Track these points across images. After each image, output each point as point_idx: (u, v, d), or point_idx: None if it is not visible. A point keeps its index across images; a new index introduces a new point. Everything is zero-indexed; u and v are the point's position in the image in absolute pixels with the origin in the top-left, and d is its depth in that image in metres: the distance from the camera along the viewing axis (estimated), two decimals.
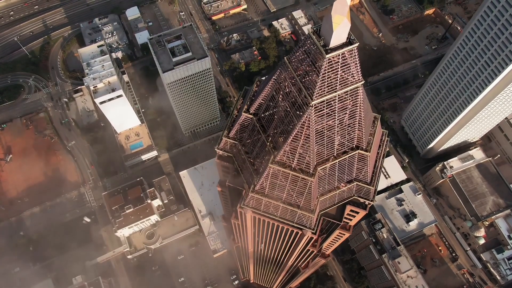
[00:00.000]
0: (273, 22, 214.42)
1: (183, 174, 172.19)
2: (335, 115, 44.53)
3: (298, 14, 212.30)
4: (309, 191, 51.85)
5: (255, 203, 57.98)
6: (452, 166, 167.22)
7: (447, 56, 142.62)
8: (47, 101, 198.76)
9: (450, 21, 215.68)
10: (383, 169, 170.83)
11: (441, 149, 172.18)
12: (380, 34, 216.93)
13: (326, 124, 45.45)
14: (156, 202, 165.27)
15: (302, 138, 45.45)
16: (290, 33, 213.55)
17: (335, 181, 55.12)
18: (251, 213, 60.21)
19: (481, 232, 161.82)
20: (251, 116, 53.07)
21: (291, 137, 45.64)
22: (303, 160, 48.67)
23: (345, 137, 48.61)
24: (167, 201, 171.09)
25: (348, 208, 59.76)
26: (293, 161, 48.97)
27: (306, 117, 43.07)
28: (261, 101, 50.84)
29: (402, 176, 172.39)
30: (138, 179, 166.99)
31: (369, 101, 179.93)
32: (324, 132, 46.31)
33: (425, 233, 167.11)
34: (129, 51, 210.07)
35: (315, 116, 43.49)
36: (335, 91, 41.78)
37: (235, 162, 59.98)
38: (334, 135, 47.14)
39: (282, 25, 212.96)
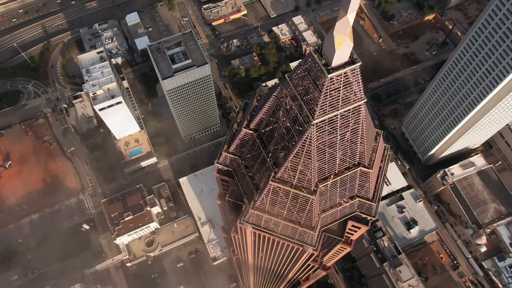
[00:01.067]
0: (273, 28, 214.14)
1: (183, 181, 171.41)
2: (337, 133, 43.81)
3: (298, 20, 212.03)
4: (311, 208, 51.03)
5: (255, 219, 57.13)
6: (453, 173, 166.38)
7: (448, 62, 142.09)
8: (46, 107, 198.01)
9: (450, 26, 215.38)
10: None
11: (442, 155, 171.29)
12: (380, 39, 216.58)
13: (328, 141, 44.74)
14: (156, 209, 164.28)
15: (303, 155, 44.72)
16: (290, 39, 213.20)
17: (337, 197, 54.29)
18: (251, 229, 59.39)
19: (483, 240, 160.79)
20: (251, 132, 52.31)
21: (292, 155, 44.92)
22: (304, 178, 47.91)
23: (347, 154, 47.88)
24: (166, 208, 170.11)
25: (350, 223, 58.93)
26: (294, 178, 48.22)
27: (308, 135, 42.36)
28: (262, 117, 50.09)
29: (403, 183, 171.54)
30: (137, 186, 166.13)
31: (369, 107, 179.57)
32: (326, 149, 45.58)
33: (426, 241, 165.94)
34: (129, 56, 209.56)
35: (316, 134, 42.75)
36: (337, 110, 41.11)
37: (235, 177, 59.19)
38: (336, 152, 46.41)
39: (282, 31, 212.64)
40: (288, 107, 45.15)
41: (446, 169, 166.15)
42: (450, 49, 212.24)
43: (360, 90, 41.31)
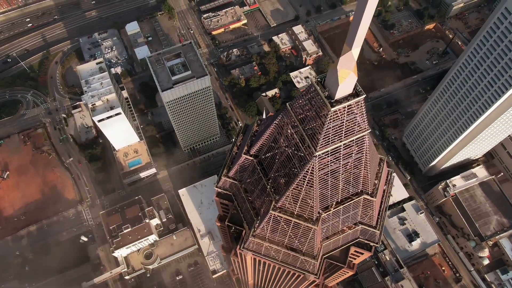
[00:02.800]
0: (273, 37, 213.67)
1: (182, 192, 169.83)
2: (339, 162, 42.60)
3: (298, 29, 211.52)
4: (312, 237, 49.64)
5: (255, 246, 55.68)
6: (455, 185, 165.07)
7: (449, 74, 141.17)
8: (45, 116, 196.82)
9: (450, 36, 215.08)
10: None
11: (443, 167, 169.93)
12: (381, 49, 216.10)
13: (331, 171, 43.51)
14: (155, 221, 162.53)
15: (305, 185, 43.48)
16: (290, 48, 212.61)
17: (339, 225, 52.92)
18: (251, 255, 57.92)
19: (485, 252, 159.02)
20: (251, 158, 51.08)
21: (294, 185, 43.68)
22: (306, 207, 46.61)
23: (350, 182, 46.65)
24: (165, 219, 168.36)
25: (353, 249, 57.50)
26: (295, 207, 46.92)
27: (310, 166, 41.15)
28: (262, 143, 48.87)
29: (404, 194, 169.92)
30: (136, 198, 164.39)
31: (370, 117, 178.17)
32: (328, 179, 44.35)
33: (428, 253, 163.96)
34: (129, 66, 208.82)
35: (319, 165, 41.53)
36: (340, 141, 39.92)
37: (235, 201, 57.83)
38: (339, 181, 45.16)
39: (282, 40, 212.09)
40: (289, 136, 43.96)
41: (447, 181, 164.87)
42: (451, 58, 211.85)
43: (364, 121, 40.15)
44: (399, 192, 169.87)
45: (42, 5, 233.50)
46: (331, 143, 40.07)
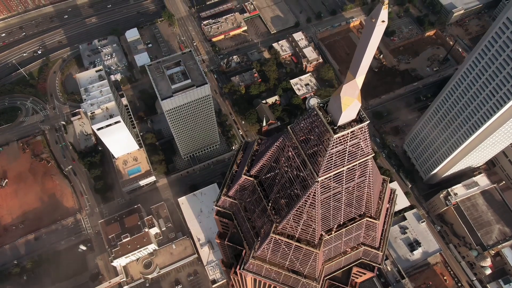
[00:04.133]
0: (273, 44, 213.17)
1: (182, 200, 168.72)
2: (342, 187, 41.64)
3: (298, 36, 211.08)
4: (314, 260, 48.54)
5: (255, 268, 54.57)
6: (456, 193, 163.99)
7: (451, 82, 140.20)
8: (44, 124, 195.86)
9: (451, 42, 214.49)
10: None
11: (445, 175, 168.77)
12: (381, 55, 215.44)
13: (333, 195, 42.53)
14: (154, 230, 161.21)
15: (306, 209, 42.48)
16: (290, 55, 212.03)
17: (342, 246, 51.86)
18: (252, 276, 56.77)
19: (487, 262, 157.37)
20: (251, 178, 50.09)
21: (295, 208, 42.66)
22: (308, 230, 45.59)
23: (352, 205, 45.67)
24: (165, 228, 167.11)
25: (355, 269, 56.39)
26: (297, 231, 45.90)
27: (312, 190, 40.20)
28: (263, 165, 47.93)
29: (406, 203, 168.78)
30: (135, 206, 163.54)
31: (371, 125, 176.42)
32: (331, 202, 43.37)
33: (430, 262, 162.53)
34: (128, 73, 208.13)
35: (321, 189, 40.58)
36: (343, 166, 39.01)
37: (235, 220, 56.77)
38: (341, 205, 44.16)
39: (283, 47, 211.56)
40: (290, 159, 43.00)
41: (449, 189, 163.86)
42: (451, 65, 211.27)
43: (367, 145, 39.24)
44: (400, 200, 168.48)
45: (42, 11, 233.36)
46: (334, 168, 39.16)
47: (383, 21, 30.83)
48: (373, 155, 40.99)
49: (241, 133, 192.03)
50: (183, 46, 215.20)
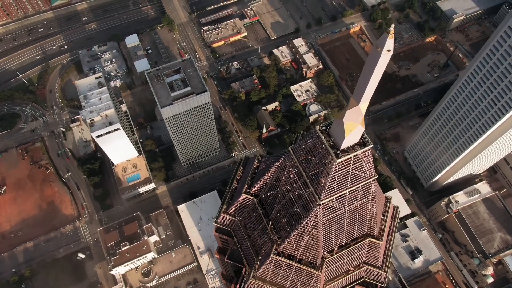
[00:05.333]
0: (273, 50, 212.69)
1: (181, 208, 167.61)
2: (345, 208, 40.78)
3: (298, 42, 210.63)
4: (316, 282, 47.54)
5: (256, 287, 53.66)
6: (457, 201, 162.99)
7: (452, 89, 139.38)
8: (43, 130, 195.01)
9: (451, 48, 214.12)
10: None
11: (446, 182, 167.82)
12: None
13: (335, 217, 41.66)
14: (153, 238, 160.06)
15: (308, 231, 41.58)
16: (290, 61, 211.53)
17: (344, 266, 50.89)
18: None
19: (489, 270, 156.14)
20: (251, 197, 49.21)
21: (296, 230, 41.77)
22: (309, 252, 44.68)
23: (355, 226, 44.77)
24: (164, 236, 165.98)
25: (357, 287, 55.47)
26: (298, 252, 44.99)
27: (313, 213, 39.32)
28: (263, 184, 47.07)
29: (407, 210, 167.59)
30: (134, 214, 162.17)
31: (371, 131, 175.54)
32: (333, 224, 42.49)
33: (431, 270, 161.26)
34: (128, 79, 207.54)
35: (323, 211, 39.72)
36: (346, 189, 38.17)
37: (235, 237, 55.81)
38: (344, 226, 43.29)
39: (283, 53, 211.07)
40: (291, 180, 42.13)
41: (450, 197, 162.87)
42: (452, 71, 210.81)
43: (370, 168, 38.46)
44: (401, 208, 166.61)
45: (42, 17, 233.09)
46: (337, 191, 38.31)
47: (388, 50, 30.07)
48: (376, 177, 40.15)
49: (241, 140, 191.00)
50: (183, 52, 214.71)
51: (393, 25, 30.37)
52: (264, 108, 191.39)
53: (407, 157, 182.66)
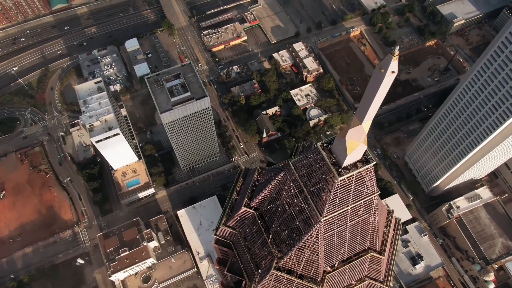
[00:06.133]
0: (273, 54, 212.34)
1: (181, 213, 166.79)
2: (346, 224, 40.15)
3: (298, 46, 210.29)
4: None
5: None
6: (458, 206, 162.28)
7: (453, 95, 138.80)
8: (43, 135, 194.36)
9: (452, 52, 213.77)
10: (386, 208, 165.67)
11: (447, 187, 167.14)
12: None
13: (337, 232, 41.02)
14: (153, 244, 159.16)
15: (309, 247, 40.91)
16: (290, 65, 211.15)
17: (346, 280, 50.18)
18: None
19: (491, 276, 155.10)
20: (251, 211, 48.55)
21: (297, 246, 41.09)
22: (310, 267, 43.98)
23: (357, 241, 44.10)
24: (164, 242, 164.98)
25: None
26: (299, 267, 44.29)
27: (315, 230, 38.69)
28: (263, 198, 46.42)
29: (407, 215, 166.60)
30: (134, 219, 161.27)
31: (372, 136, 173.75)
32: (334, 239, 41.83)
33: (432, 276, 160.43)
34: (128, 83, 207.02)
35: (324, 228, 39.08)
36: (348, 206, 37.55)
37: (234, 250, 55.10)
38: (345, 240, 42.63)
39: (283, 57, 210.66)
40: (292, 195, 41.48)
41: (451, 202, 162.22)
42: (452, 75, 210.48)
43: (373, 184, 37.82)
44: (402, 213, 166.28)
45: (42, 21, 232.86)
46: (338, 208, 37.67)
47: (393, 72, 29.52)
48: (379, 193, 39.51)
49: (242, 146, 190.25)
50: (183, 56, 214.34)
51: (397, 47, 29.85)
52: (264, 112, 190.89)
53: (408, 162, 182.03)
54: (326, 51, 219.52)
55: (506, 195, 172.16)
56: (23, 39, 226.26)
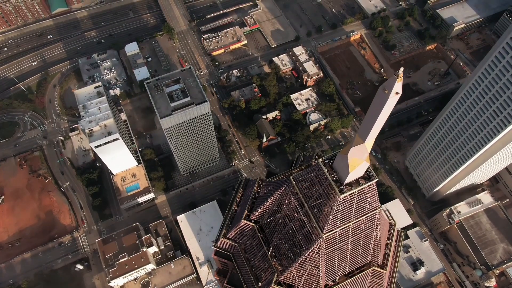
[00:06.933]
0: (273, 58, 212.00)
1: (181, 218, 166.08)
2: (348, 240, 39.54)
3: (298, 50, 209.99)
4: None
5: None
6: (459, 211, 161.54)
7: (454, 100, 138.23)
8: (42, 139, 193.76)
9: (452, 56, 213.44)
10: (387, 213, 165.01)
11: (447, 192, 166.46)
12: (382, 69, 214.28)
13: (338, 248, 40.40)
14: (152, 249, 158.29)
15: (310, 262, 40.28)
16: (290, 69, 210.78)
17: None
18: None
19: (492, 282, 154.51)
20: (251, 224, 47.94)
21: (298, 262, 40.48)
22: (311, 282, 43.31)
23: (358, 255, 43.45)
24: (163, 247, 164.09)
25: None
26: (300, 282, 43.61)
27: (316, 246, 38.08)
28: (264, 211, 45.81)
29: (408, 220, 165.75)
30: (133, 225, 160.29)
31: None
32: (336, 255, 41.21)
33: (433, 282, 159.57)
34: (128, 87, 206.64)
35: (326, 244, 38.47)
36: (350, 222, 36.98)
37: (234, 262, 54.42)
38: (347, 255, 41.99)
39: (283, 61, 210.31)
40: (293, 210, 40.87)
41: (452, 207, 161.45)
42: (453, 79, 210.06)
43: (375, 200, 37.21)
44: (402, 218, 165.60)
45: (42, 25, 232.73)
46: (340, 224, 37.09)
47: (397, 93, 28.96)
48: (381, 208, 38.91)
49: (243, 152, 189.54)
50: (183, 60, 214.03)
51: (402, 69, 29.35)
52: (264, 117, 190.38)
53: (408, 167, 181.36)
54: (326, 55, 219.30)
55: (507, 200, 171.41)
56: (23, 43, 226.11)
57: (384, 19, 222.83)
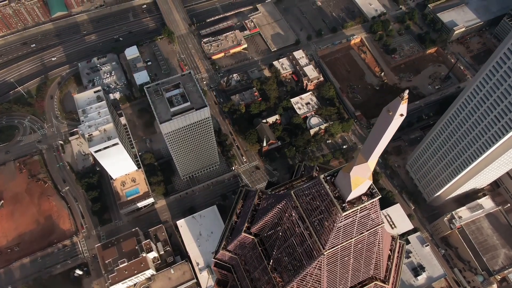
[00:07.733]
0: (273, 62, 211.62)
1: (180, 223, 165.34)
2: (350, 255, 38.93)
3: (299, 54, 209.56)
4: None
5: None
6: (460, 216, 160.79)
7: (455, 104, 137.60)
8: (42, 143, 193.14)
9: (452, 60, 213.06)
10: (388, 218, 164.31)
11: (449, 197, 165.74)
12: (382, 73, 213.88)
13: (340, 263, 39.76)
14: (152, 255, 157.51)
15: (311, 277, 39.65)
16: (291, 73, 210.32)
17: None
18: None
19: None
20: (252, 237, 47.30)
21: (299, 278, 39.82)
22: None
23: (360, 270, 42.81)
24: (163, 252, 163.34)
25: None
26: None
27: (317, 262, 37.46)
28: (264, 224, 45.16)
29: (409, 225, 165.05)
30: (133, 230, 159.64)
31: None
32: (337, 270, 40.56)
33: (434, 287, 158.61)
34: (127, 91, 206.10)
35: (327, 260, 37.84)
36: (352, 238, 36.39)
37: (234, 274, 53.76)
38: (349, 270, 41.35)
39: (283, 65, 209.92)
40: (294, 224, 40.24)
41: (453, 212, 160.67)
42: (453, 83, 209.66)
43: (377, 216, 36.60)
44: (403, 223, 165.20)
45: (42, 29, 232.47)
46: (342, 241, 36.48)
47: (401, 115, 28.47)
48: (383, 224, 38.30)
49: (244, 159, 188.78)
50: (183, 64, 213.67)
51: (406, 91, 28.93)
52: (264, 121, 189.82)
53: (409, 171, 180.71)
54: (326, 58, 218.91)
55: (509, 204, 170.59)
56: (23, 46, 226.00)
57: (385, 22, 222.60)
